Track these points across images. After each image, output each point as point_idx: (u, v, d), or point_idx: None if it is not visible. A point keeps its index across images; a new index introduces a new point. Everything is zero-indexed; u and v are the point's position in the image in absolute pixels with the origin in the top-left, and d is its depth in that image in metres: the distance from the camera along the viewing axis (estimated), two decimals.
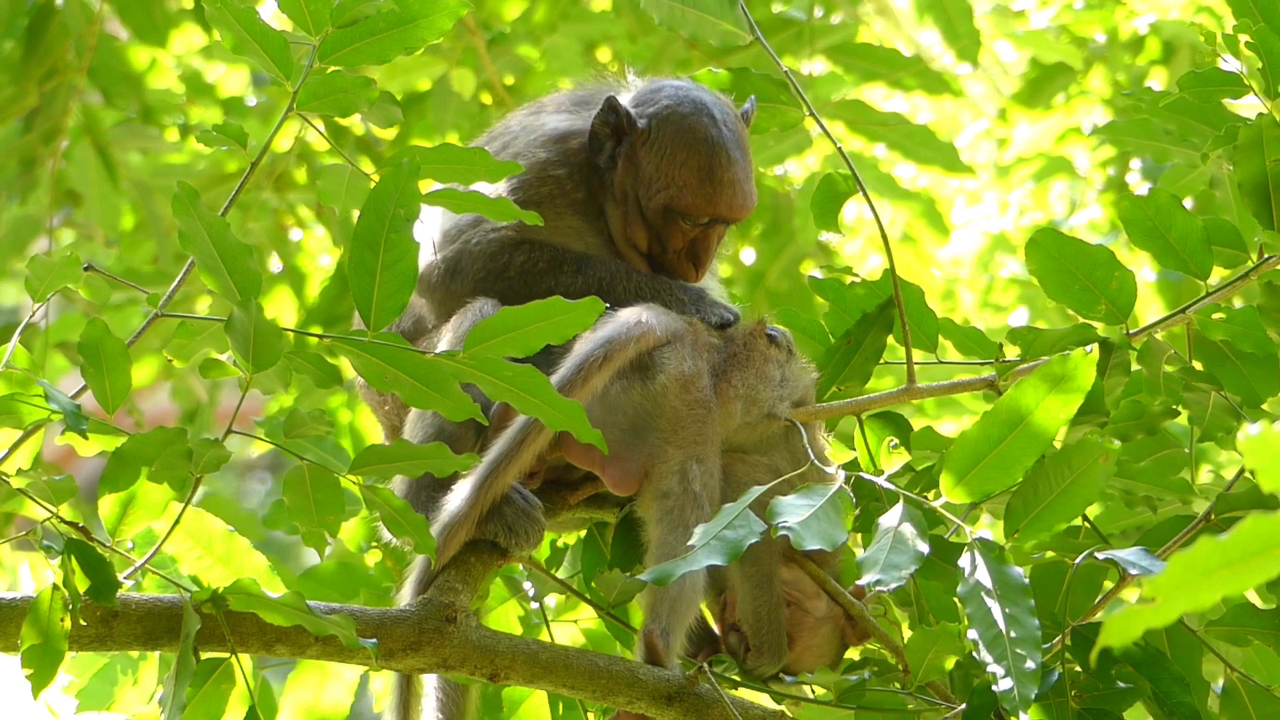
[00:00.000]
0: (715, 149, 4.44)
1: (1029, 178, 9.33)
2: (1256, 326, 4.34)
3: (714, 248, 4.52)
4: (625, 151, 4.49)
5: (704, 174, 4.44)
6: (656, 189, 4.45)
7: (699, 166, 4.44)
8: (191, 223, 3.82)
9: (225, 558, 4.28)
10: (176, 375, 8.56)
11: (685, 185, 4.44)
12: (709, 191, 4.44)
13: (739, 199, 4.47)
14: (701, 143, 4.44)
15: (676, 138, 4.46)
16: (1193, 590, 2.43)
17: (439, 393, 3.84)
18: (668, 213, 4.46)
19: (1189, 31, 8.38)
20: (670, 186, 4.44)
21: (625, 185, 4.50)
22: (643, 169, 4.47)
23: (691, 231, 4.48)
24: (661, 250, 4.49)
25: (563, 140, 4.55)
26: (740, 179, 4.46)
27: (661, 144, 4.46)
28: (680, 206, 4.45)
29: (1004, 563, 3.81)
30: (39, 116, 8.15)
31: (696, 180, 4.44)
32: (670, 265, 4.50)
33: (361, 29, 4.15)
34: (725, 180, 4.44)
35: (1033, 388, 3.85)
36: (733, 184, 4.45)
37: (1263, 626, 4.20)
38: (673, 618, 4.08)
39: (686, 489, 4.15)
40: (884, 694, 4.04)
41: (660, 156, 4.46)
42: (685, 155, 4.45)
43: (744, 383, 4.29)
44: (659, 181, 4.45)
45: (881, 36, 8.91)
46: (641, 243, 4.49)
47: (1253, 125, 4.34)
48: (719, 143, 4.45)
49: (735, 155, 4.46)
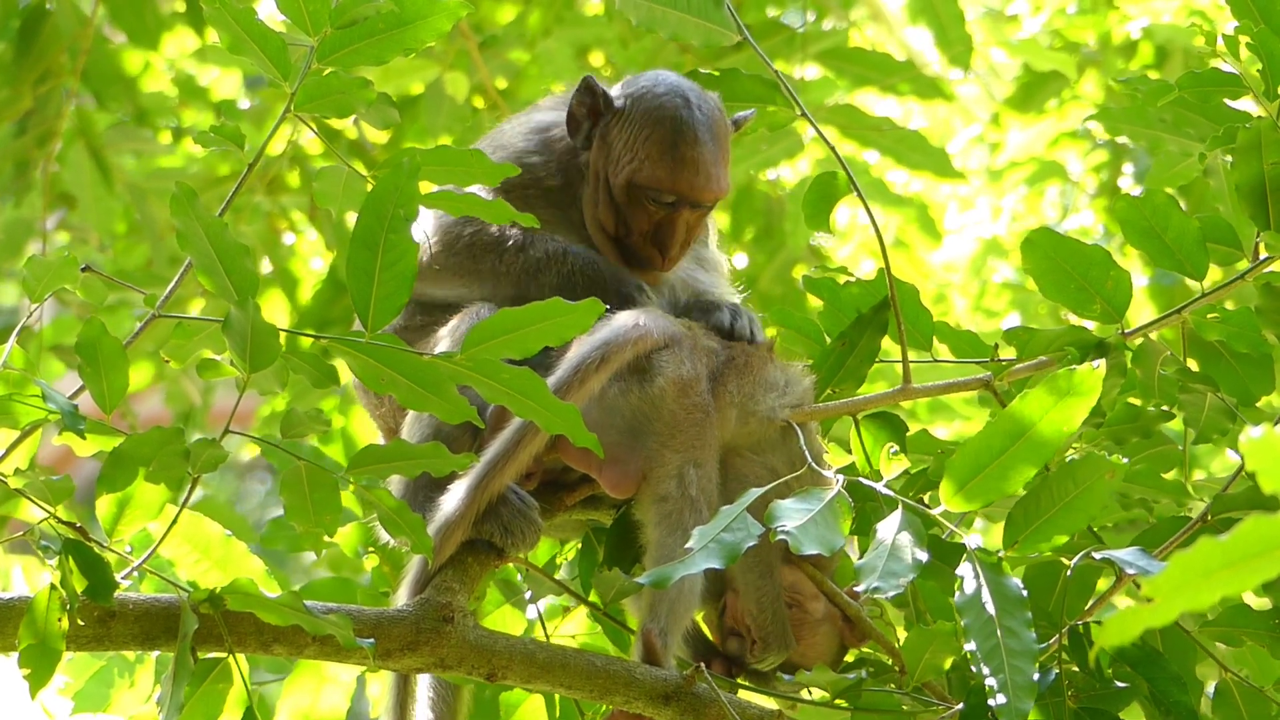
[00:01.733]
0: (681, 126, 4.46)
1: (1021, 182, 9.34)
2: (1251, 327, 4.35)
3: (680, 234, 4.50)
4: (600, 131, 4.51)
5: (667, 148, 4.45)
6: (623, 164, 4.47)
7: (662, 140, 4.46)
8: (189, 222, 3.82)
9: (222, 562, 4.28)
10: (170, 378, 8.56)
11: (648, 158, 4.45)
12: (670, 166, 4.45)
13: (701, 179, 4.46)
14: (669, 119, 4.46)
15: (646, 114, 4.48)
16: (1192, 591, 2.43)
17: (435, 395, 3.84)
18: (631, 189, 4.47)
19: (1182, 36, 8.39)
20: (634, 160, 4.46)
21: (597, 165, 4.52)
22: (613, 146, 4.50)
23: (656, 212, 4.48)
24: (627, 232, 4.49)
25: (543, 130, 4.59)
26: (706, 160, 4.46)
27: (632, 120, 4.49)
28: (641, 180, 4.46)
29: (1001, 574, 3.81)
30: (33, 120, 8.14)
31: (659, 153, 4.45)
32: (636, 249, 4.50)
33: (360, 30, 4.15)
34: (688, 158, 4.45)
35: (1037, 399, 3.84)
36: (695, 162, 4.45)
37: (1257, 627, 4.20)
38: (671, 618, 4.08)
39: (684, 493, 4.15)
40: (881, 694, 4.04)
41: (629, 132, 4.48)
42: (651, 130, 4.47)
43: (740, 390, 4.30)
44: (625, 156, 4.47)
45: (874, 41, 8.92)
46: (609, 224, 4.50)
47: (1251, 128, 4.35)
48: (686, 121, 4.46)
49: (703, 137, 4.46)
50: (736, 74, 4.63)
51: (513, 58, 8.33)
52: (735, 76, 4.63)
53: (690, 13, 4.54)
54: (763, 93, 4.62)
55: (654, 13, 4.55)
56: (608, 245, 4.52)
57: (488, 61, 8.28)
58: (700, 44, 4.57)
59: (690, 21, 4.55)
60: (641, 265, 4.51)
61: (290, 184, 8.58)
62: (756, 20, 7.99)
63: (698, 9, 4.54)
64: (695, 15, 4.55)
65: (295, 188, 8.57)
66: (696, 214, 4.52)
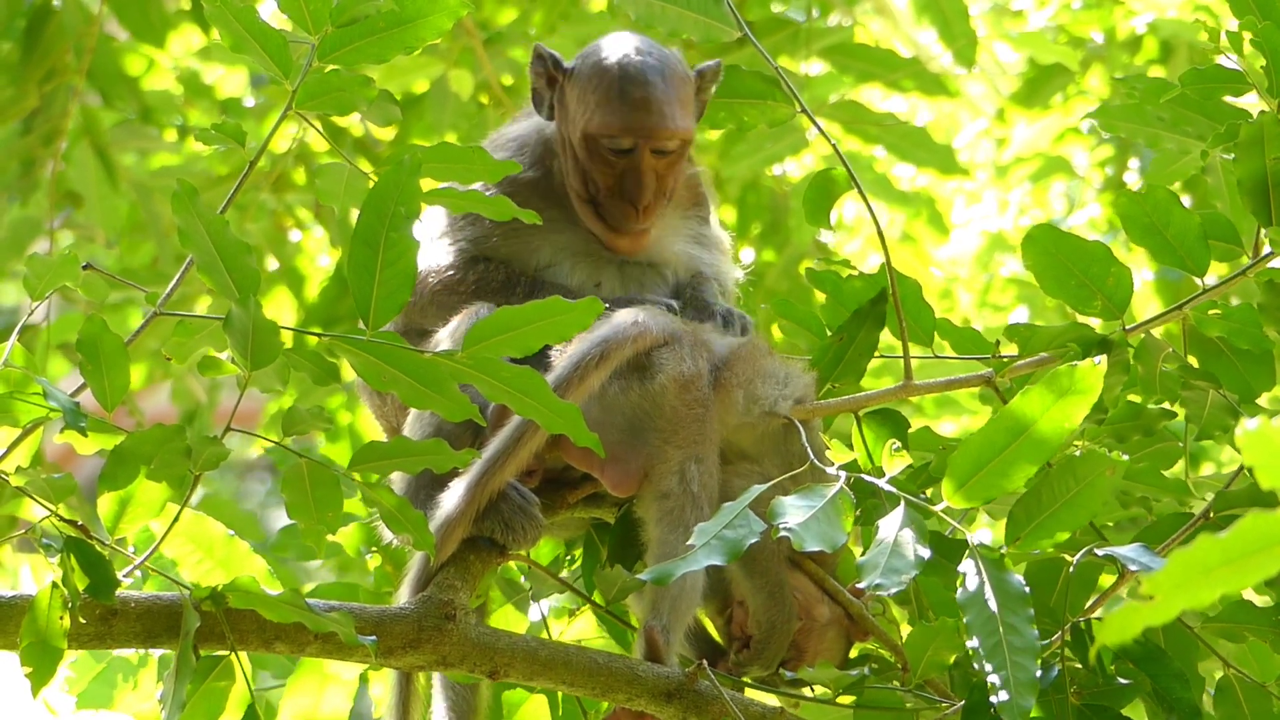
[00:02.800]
0: (626, 70, 4.46)
1: (1027, 177, 9.33)
2: (1253, 323, 4.34)
3: (648, 183, 4.47)
4: (558, 97, 4.53)
5: (612, 93, 4.45)
6: (578, 120, 4.48)
7: (608, 87, 4.46)
8: (190, 220, 3.82)
9: (225, 562, 4.28)
10: (175, 376, 8.57)
11: (597, 105, 4.46)
12: (618, 108, 4.44)
13: (654, 118, 4.45)
14: (614, 65, 4.47)
15: (593, 66, 4.49)
16: (1192, 588, 2.43)
17: (437, 392, 3.84)
18: (588, 142, 4.47)
19: (1187, 31, 8.38)
20: (585, 111, 4.47)
21: (561, 130, 4.53)
22: (569, 107, 4.51)
23: (617, 162, 4.47)
24: (596, 190, 4.49)
25: (517, 138, 4.62)
26: (656, 99, 4.45)
27: (581, 74, 4.50)
28: (593, 129, 4.45)
29: (1004, 570, 3.81)
30: (38, 118, 8.15)
31: (605, 99, 4.45)
32: (609, 208, 4.49)
33: (361, 28, 4.15)
34: (636, 98, 4.44)
35: (1039, 396, 3.84)
36: (645, 102, 4.44)
37: (1259, 623, 4.20)
38: (673, 615, 4.08)
39: (686, 489, 4.15)
40: (883, 691, 4.04)
41: (579, 87, 4.49)
42: (598, 80, 4.47)
43: (744, 374, 4.30)
44: (579, 111, 4.48)
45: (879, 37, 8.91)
46: (580, 188, 4.50)
47: (1254, 123, 4.34)
48: (633, 64, 4.46)
49: (652, 78, 4.45)
50: (737, 70, 4.63)
51: (517, 55, 8.33)
52: (736, 73, 4.63)
53: (690, 9, 4.54)
54: (764, 89, 4.62)
55: (652, 8, 4.55)
56: (589, 213, 4.51)
57: (492, 59, 8.28)
58: (700, 40, 4.57)
59: (689, 17, 4.55)
60: (619, 226, 4.49)
61: (296, 181, 8.58)
62: (760, 16, 7.98)
63: (697, 5, 4.54)
64: (695, 11, 4.55)
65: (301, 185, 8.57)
66: (664, 161, 4.49)
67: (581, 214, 4.52)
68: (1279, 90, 4.40)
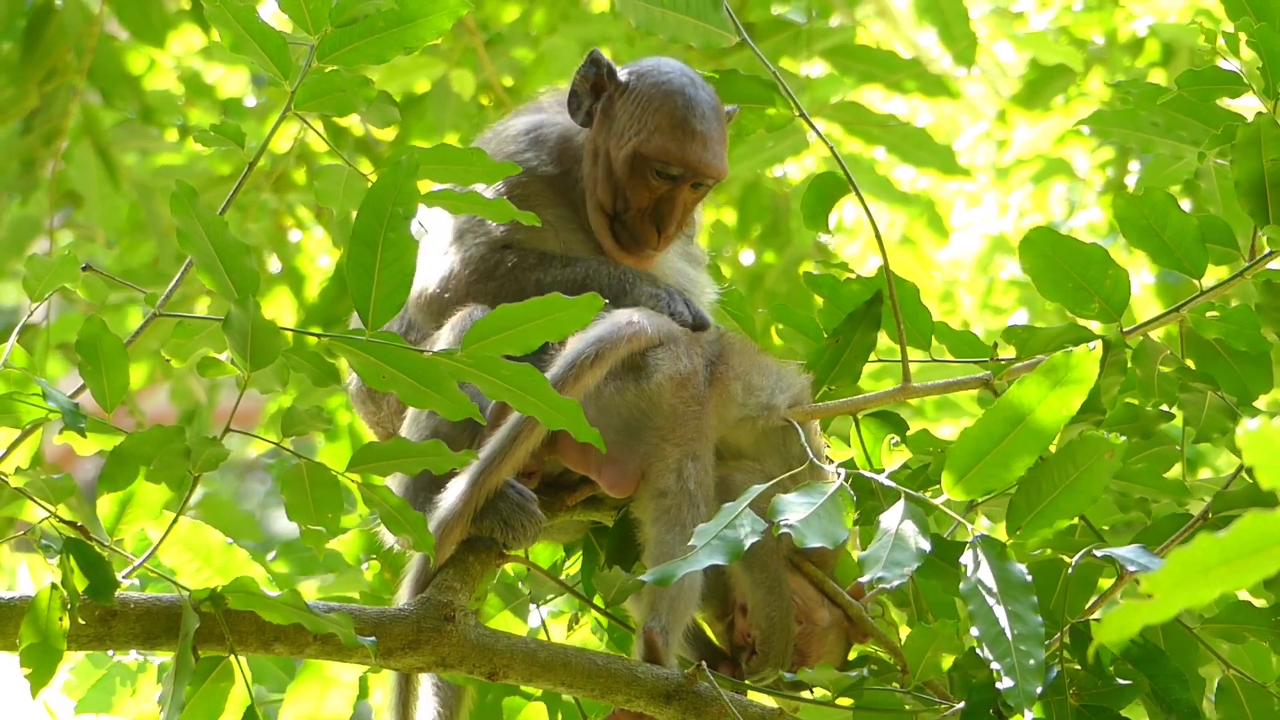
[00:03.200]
0: (691, 101, 4.48)
1: (1028, 180, 9.33)
2: (1250, 324, 4.34)
3: (678, 212, 4.50)
4: (603, 106, 4.53)
5: (676, 120, 4.46)
6: (628, 136, 4.48)
7: (672, 112, 4.47)
8: (189, 221, 3.82)
9: (224, 569, 4.28)
10: (175, 377, 8.57)
11: (657, 129, 4.46)
12: (679, 137, 4.46)
13: (709, 154, 4.47)
14: (678, 93, 4.48)
15: (654, 87, 4.50)
16: (1191, 587, 2.43)
17: (436, 392, 3.84)
18: (635, 161, 4.47)
19: (1188, 33, 8.38)
20: (642, 131, 4.47)
21: (598, 140, 4.53)
22: (617, 119, 4.51)
23: (658, 187, 4.48)
24: (625, 207, 4.49)
25: (530, 131, 4.60)
26: (712, 137, 4.48)
27: (639, 93, 4.50)
28: (648, 151, 4.46)
29: (1006, 559, 3.81)
30: (39, 118, 8.15)
31: (669, 124, 4.46)
32: (633, 227, 4.50)
33: (360, 28, 4.15)
34: (697, 131, 4.46)
35: (1034, 385, 3.84)
36: (704, 137, 4.47)
37: (1259, 624, 4.20)
38: (672, 616, 4.08)
39: (683, 487, 4.15)
40: (882, 693, 4.04)
41: (635, 104, 4.49)
42: (660, 102, 4.48)
43: (740, 366, 4.31)
44: (631, 128, 4.48)
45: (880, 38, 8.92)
46: (608, 202, 4.50)
47: (1251, 125, 4.34)
48: (695, 97, 4.49)
49: (709, 115, 4.49)
50: (735, 74, 4.63)
51: (518, 55, 8.33)
52: (734, 76, 4.63)
53: (689, 14, 4.55)
54: (763, 92, 4.63)
55: (653, 14, 4.56)
56: (604, 226, 4.52)
57: (494, 59, 8.29)
58: (699, 45, 4.58)
59: (689, 23, 4.56)
60: (636, 244, 4.51)
61: (297, 182, 8.58)
62: (761, 18, 7.98)
63: (696, 10, 4.55)
64: (694, 16, 4.55)
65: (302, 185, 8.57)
66: (695, 194, 4.52)
67: (594, 223, 4.53)
68: (1275, 91, 4.40)
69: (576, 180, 4.55)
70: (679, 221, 4.52)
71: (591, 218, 4.53)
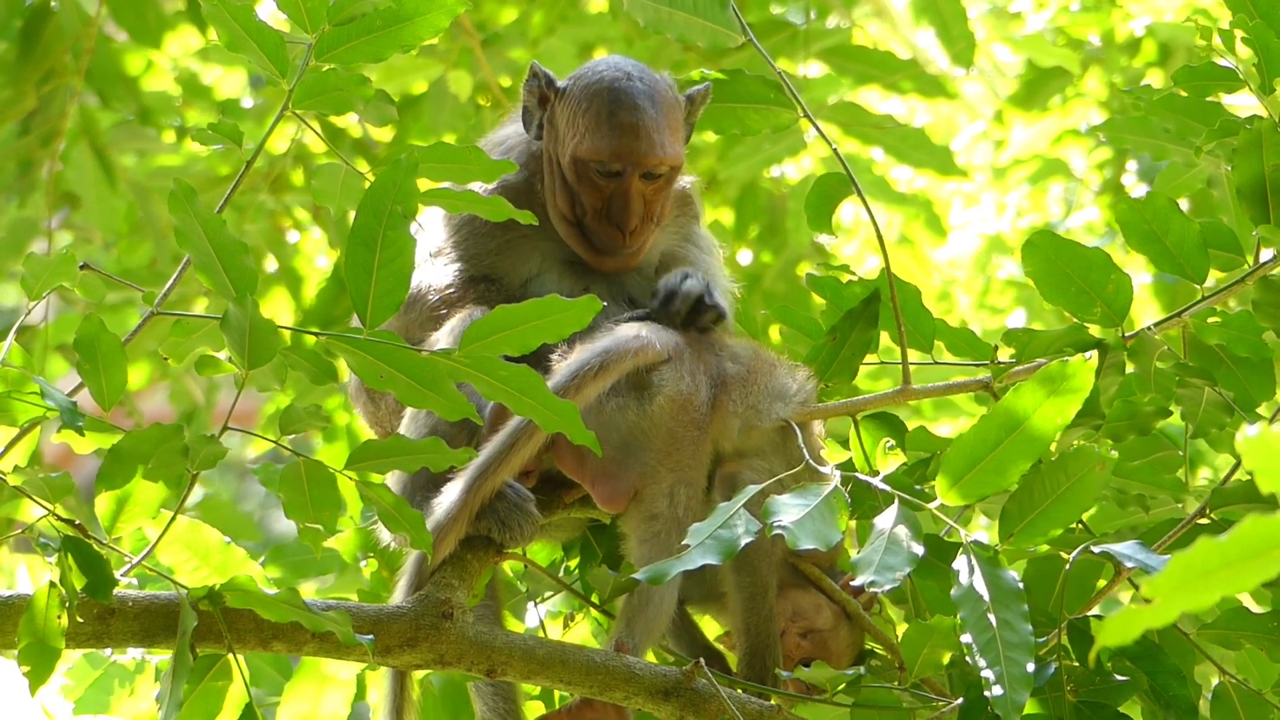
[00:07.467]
0: (618, 95, 4.47)
1: (1025, 180, 9.33)
2: (1252, 330, 4.33)
3: (635, 206, 4.48)
4: (548, 116, 4.54)
5: (603, 117, 4.46)
6: (567, 142, 4.49)
7: (599, 111, 4.47)
8: (187, 219, 3.82)
9: (222, 568, 4.28)
10: (173, 377, 8.57)
11: (587, 129, 4.47)
12: (608, 133, 4.46)
13: (643, 144, 4.46)
14: (605, 90, 4.49)
15: (584, 89, 4.51)
16: (1192, 590, 2.43)
17: (434, 391, 3.84)
18: (577, 165, 4.48)
19: (1185, 33, 8.38)
20: (575, 134, 4.48)
21: (549, 150, 4.55)
22: (559, 128, 4.52)
23: (605, 186, 4.48)
24: (584, 213, 4.49)
25: (499, 143, 4.63)
26: (646, 126, 4.46)
27: (572, 97, 4.52)
28: (582, 153, 4.47)
29: (998, 566, 3.81)
30: (36, 119, 8.15)
31: (596, 123, 4.47)
32: (594, 231, 4.50)
33: (358, 27, 4.16)
34: (626, 123, 4.45)
35: (1030, 392, 3.84)
36: (635, 128, 4.46)
37: (1256, 630, 4.19)
38: (645, 634, 4.12)
39: (673, 513, 4.17)
40: (880, 690, 4.04)
41: (570, 109, 4.51)
42: (589, 102, 4.49)
43: (744, 401, 4.29)
44: (569, 134, 4.49)
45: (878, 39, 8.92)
46: (566, 209, 4.51)
47: (1251, 129, 4.34)
48: (623, 90, 4.48)
49: (641, 103, 4.47)
50: (740, 75, 4.63)
51: (516, 56, 8.33)
52: (738, 77, 4.63)
53: (696, 14, 4.56)
54: (765, 92, 4.63)
55: (660, 14, 4.57)
56: (573, 235, 4.52)
57: (491, 60, 8.28)
58: (706, 45, 4.58)
59: (696, 23, 4.57)
60: (606, 249, 4.50)
61: (294, 182, 8.58)
62: (760, 18, 7.99)
63: (703, 10, 4.55)
64: (701, 16, 4.56)
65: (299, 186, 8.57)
66: (652, 185, 4.50)
67: (562, 233, 4.53)
68: (1271, 87, 4.40)
69: (538, 193, 4.56)
70: (641, 216, 4.50)
71: (559, 228, 4.54)
